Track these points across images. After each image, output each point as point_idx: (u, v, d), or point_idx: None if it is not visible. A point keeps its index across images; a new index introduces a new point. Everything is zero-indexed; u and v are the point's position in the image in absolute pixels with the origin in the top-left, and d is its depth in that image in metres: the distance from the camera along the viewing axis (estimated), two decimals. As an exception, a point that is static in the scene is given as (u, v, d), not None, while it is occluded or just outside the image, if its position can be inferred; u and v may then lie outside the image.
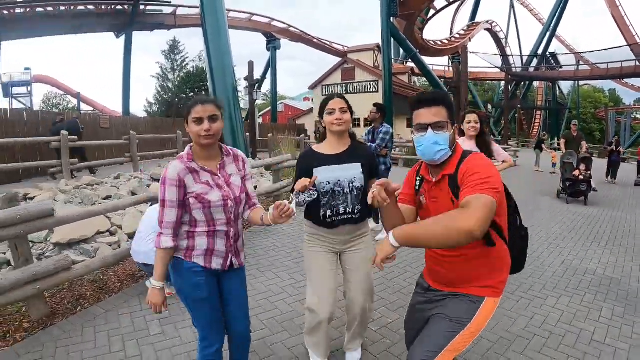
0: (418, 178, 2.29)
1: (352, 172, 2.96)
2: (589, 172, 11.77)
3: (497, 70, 51.12)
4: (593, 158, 12.77)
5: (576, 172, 11.71)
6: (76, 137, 11.61)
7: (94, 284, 4.88)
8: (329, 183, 2.92)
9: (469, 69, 37.57)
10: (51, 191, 8.20)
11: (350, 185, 2.94)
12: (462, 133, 5.10)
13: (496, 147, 5.13)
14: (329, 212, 2.97)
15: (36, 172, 12.23)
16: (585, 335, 3.99)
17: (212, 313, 2.52)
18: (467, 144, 4.99)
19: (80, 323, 4.02)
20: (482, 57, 48.80)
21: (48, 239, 5.95)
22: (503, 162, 5.26)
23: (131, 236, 6.71)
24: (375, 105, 7.18)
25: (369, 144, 6.74)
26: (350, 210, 2.98)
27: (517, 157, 21.97)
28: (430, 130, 2.05)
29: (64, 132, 10.37)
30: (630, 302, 4.83)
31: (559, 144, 15.74)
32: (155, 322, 4.01)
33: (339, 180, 2.93)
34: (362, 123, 36.16)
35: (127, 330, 3.87)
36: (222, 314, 2.61)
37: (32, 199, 7.83)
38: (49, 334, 3.82)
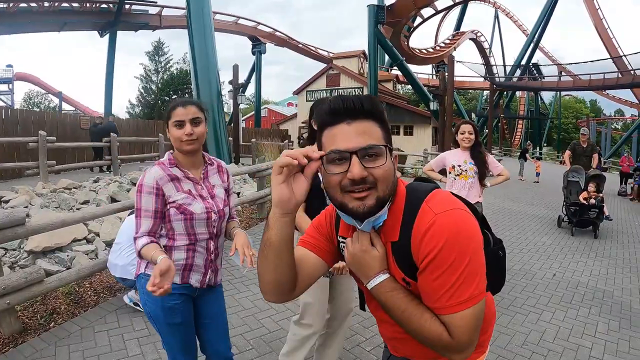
0: (341, 240, 1.45)
1: None
2: (600, 195, 9.16)
3: (481, 79, 51.49)
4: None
5: (584, 195, 9.16)
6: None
7: (68, 297, 4.60)
8: None
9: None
10: (27, 194, 7.89)
11: None
12: (456, 144, 4.98)
13: (491, 160, 4.94)
14: None
15: (13, 173, 11.83)
16: (583, 352, 3.95)
17: (186, 338, 2.28)
18: (460, 155, 4.84)
19: (53, 341, 3.75)
20: (468, 67, 49.01)
21: (22, 247, 5.65)
22: (499, 175, 5.10)
23: (109, 244, 6.44)
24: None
25: None
26: None
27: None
28: (356, 161, 1.15)
29: (42, 132, 9.99)
30: (625, 316, 4.86)
31: (562, 158, 14.07)
32: (133, 341, 3.76)
33: None
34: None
35: (103, 350, 3.60)
36: (197, 334, 2.40)
37: (7, 202, 7.51)
38: (21, 353, 3.55)
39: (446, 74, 24.41)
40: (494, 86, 45.37)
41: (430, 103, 25.12)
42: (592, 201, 8.83)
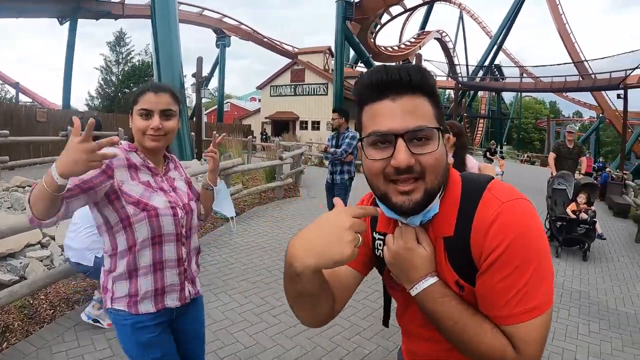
0: (377, 236, 1.26)
1: None
2: (592, 208, 7.59)
3: (444, 78, 52.06)
4: (535, 166, 8.15)
5: (572, 207, 7.66)
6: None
7: (21, 311, 4.20)
8: None
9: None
10: (-24, 194, 7.35)
11: None
12: None
13: (470, 163, 4.53)
14: None
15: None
16: (568, 356, 3.99)
17: None
18: None
19: (5, 365, 3.38)
20: (436, 65, 49.48)
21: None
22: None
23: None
24: (336, 110, 6.78)
25: (333, 150, 6.50)
26: None
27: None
28: (402, 145, 0.97)
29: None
30: (603, 317, 4.97)
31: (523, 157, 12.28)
32: (95, 363, 3.43)
33: None
34: (309, 126, 35.90)
35: (61, 375, 3.26)
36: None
37: (-47, 202, 6.98)
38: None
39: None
40: (459, 85, 45.86)
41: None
42: (583, 215, 7.35)
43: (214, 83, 43.96)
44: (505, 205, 0.99)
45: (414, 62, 23.12)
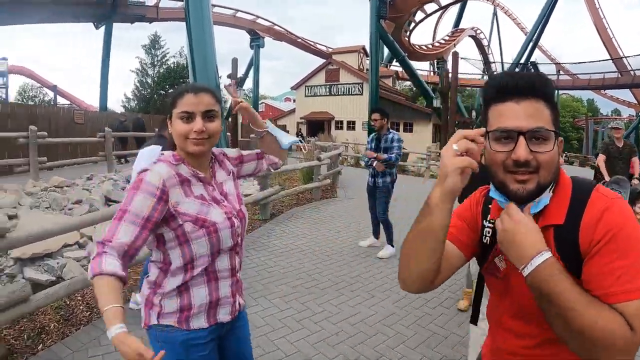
0: (487, 224, 1.33)
1: None
2: None
3: (479, 77, 51.12)
4: (573, 166, 6.79)
5: None
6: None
7: (58, 312, 4.12)
8: None
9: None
10: (16, 193, 7.38)
11: None
12: None
13: None
14: None
15: (4, 170, 11.32)
16: None
17: None
18: None
19: (41, 368, 3.28)
20: (472, 63, 48.68)
21: (8, 253, 5.16)
22: None
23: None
24: (376, 110, 6.48)
25: (386, 156, 6.16)
26: None
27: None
28: (523, 142, 1.09)
29: (32, 127, 9.48)
30: None
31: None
32: (131, 369, 3.29)
33: None
34: (344, 126, 35.65)
35: (97, 381, 3.14)
36: None
37: (-7, 202, 7.01)
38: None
39: (448, 70, 24.05)
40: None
41: (433, 100, 24.75)
42: None
43: (248, 84, 44.16)
44: (613, 200, 1.11)
45: (450, 61, 22.68)
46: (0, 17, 24.10)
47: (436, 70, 45.96)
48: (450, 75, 22.46)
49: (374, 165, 6.27)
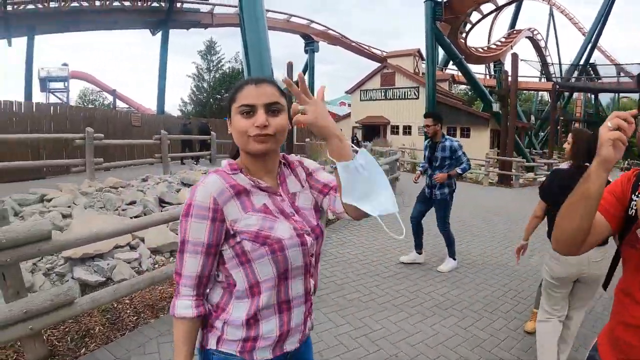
0: (635, 197, 1.43)
1: None
2: None
3: (536, 79, 49.48)
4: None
5: None
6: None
7: (104, 315, 3.98)
8: None
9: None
10: (71, 193, 7.42)
11: None
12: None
13: None
14: None
15: (61, 170, 11.59)
16: None
17: None
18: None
19: (81, 374, 3.12)
20: (532, 65, 47.12)
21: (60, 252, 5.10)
22: None
23: (155, 251, 5.86)
24: (429, 115, 5.86)
25: (459, 170, 5.67)
26: None
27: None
28: None
29: (89, 129, 9.60)
30: None
31: None
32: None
33: None
34: (400, 130, 35.09)
35: (139, 394, 2.93)
36: None
37: (49, 200, 7.06)
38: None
39: (507, 73, 23.18)
40: (557, 87, 43.17)
41: (492, 104, 23.96)
42: None
43: (302, 88, 44.30)
44: None
45: (510, 62, 21.84)
46: (63, 25, 25.10)
47: (493, 73, 44.82)
48: (509, 77, 21.56)
49: (434, 177, 5.73)
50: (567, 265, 3.13)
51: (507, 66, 27.34)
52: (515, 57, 21.31)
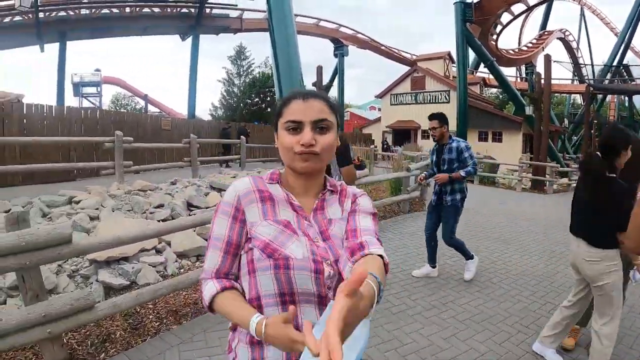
0: None
1: None
2: None
3: (569, 82, 48.36)
4: None
5: None
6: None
7: (126, 320, 3.90)
8: None
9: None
10: (99, 195, 7.43)
11: None
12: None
13: None
14: None
15: (91, 172, 11.71)
16: None
17: None
18: None
19: (99, 382, 3.02)
20: (565, 67, 46.15)
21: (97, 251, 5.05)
22: None
23: (181, 256, 5.78)
24: (435, 117, 5.41)
25: (463, 172, 5.21)
26: None
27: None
28: None
29: (118, 132, 9.67)
30: None
31: None
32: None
33: None
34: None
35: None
36: None
37: (77, 202, 7.08)
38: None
39: (538, 75, 22.65)
40: (591, 89, 42.04)
41: (525, 107, 23.44)
42: None
43: (333, 92, 44.32)
44: None
45: (543, 64, 21.31)
46: (94, 31, 25.61)
47: (524, 76, 44.01)
48: (542, 80, 21.03)
49: (435, 177, 5.37)
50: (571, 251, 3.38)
51: (539, 68, 26.75)
52: (548, 58, 20.78)
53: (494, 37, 32.82)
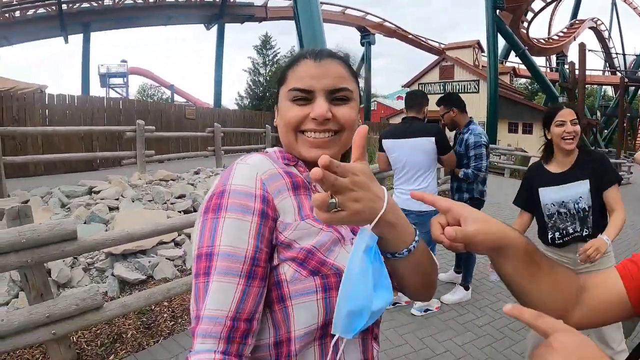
0: None
1: (576, 191, 2.62)
2: None
3: (599, 73, 47.04)
4: None
5: None
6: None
7: (139, 318, 3.70)
8: (554, 205, 2.69)
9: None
10: (120, 185, 7.29)
11: (576, 206, 2.63)
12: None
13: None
14: (557, 235, 2.72)
15: (115, 162, 11.65)
16: None
17: None
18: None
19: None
20: (597, 55, 44.86)
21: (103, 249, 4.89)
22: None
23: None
24: (439, 101, 4.85)
25: (461, 173, 4.39)
26: (578, 230, 2.65)
27: (632, 173, 19.47)
28: None
29: (140, 121, 9.52)
30: None
31: None
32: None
33: (564, 202, 2.66)
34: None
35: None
36: None
37: (97, 192, 6.95)
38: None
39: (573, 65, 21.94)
40: (625, 81, 40.73)
41: (558, 98, 22.76)
42: None
43: (359, 82, 43.94)
44: None
45: (577, 53, 20.60)
46: (117, 21, 25.73)
47: (554, 66, 42.93)
48: (576, 69, 20.34)
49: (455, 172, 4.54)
50: None
51: (570, 58, 25.97)
52: (582, 47, 20.11)
53: (525, 25, 31.95)
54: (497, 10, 24.96)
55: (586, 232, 2.63)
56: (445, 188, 10.08)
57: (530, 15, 32.61)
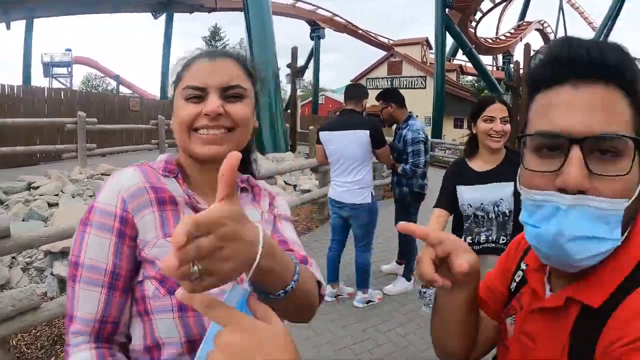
0: (520, 270, 0.93)
1: (498, 194, 2.39)
2: None
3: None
4: None
5: None
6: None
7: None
8: (470, 206, 2.47)
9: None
10: (60, 180, 7.04)
11: (496, 209, 2.40)
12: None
13: None
14: (468, 240, 2.45)
15: (56, 156, 11.21)
16: None
17: None
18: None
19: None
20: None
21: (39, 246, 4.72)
22: None
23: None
24: (378, 96, 4.74)
25: (400, 168, 4.48)
26: (494, 239, 2.42)
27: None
28: (577, 158, 0.64)
29: (81, 113, 9.20)
30: None
31: None
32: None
33: (482, 204, 2.44)
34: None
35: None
36: None
37: (36, 188, 6.70)
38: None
39: (517, 64, 22.69)
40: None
41: (503, 96, 23.47)
42: None
43: (308, 75, 43.83)
44: None
45: (521, 53, 21.34)
46: (62, 8, 24.57)
47: (500, 65, 44.30)
48: (521, 68, 21.02)
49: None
50: None
51: (517, 57, 26.86)
52: (528, 47, 20.74)
53: (473, 24, 32.83)
54: (447, 9, 25.51)
55: (503, 239, 2.40)
56: (387, 182, 10.27)
57: (479, 15, 33.51)
